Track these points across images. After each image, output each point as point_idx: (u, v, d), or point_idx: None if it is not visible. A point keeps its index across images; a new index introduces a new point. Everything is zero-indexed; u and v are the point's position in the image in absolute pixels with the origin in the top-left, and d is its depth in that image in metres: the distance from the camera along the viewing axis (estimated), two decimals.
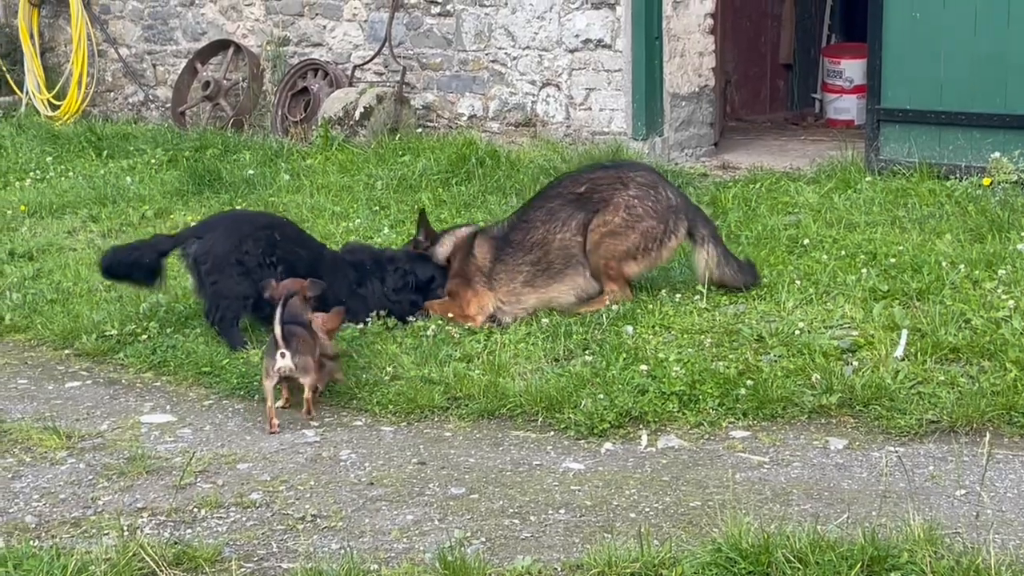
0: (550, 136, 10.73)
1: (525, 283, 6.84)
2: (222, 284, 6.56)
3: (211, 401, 6.11)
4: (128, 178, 10.52)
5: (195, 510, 4.87)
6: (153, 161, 11.08)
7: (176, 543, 4.52)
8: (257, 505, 4.90)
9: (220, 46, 12.78)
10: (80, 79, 13.45)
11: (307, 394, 5.77)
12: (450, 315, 6.80)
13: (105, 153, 11.51)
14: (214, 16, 12.92)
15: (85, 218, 9.49)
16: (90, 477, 5.21)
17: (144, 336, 6.80)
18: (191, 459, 5.27)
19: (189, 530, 4.70)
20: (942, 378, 5.68)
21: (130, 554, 4.30)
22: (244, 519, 4.79)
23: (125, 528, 4.64)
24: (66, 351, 6.85)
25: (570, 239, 6.86)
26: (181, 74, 12.91)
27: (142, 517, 4.81)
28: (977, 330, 6.07)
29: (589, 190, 6.93)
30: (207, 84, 12.61)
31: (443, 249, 7.06)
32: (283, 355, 5.63)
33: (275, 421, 5.68)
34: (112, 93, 13.83)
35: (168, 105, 13.10)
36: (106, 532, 4.64)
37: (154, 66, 13.48)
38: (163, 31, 13.33)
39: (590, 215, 6.85)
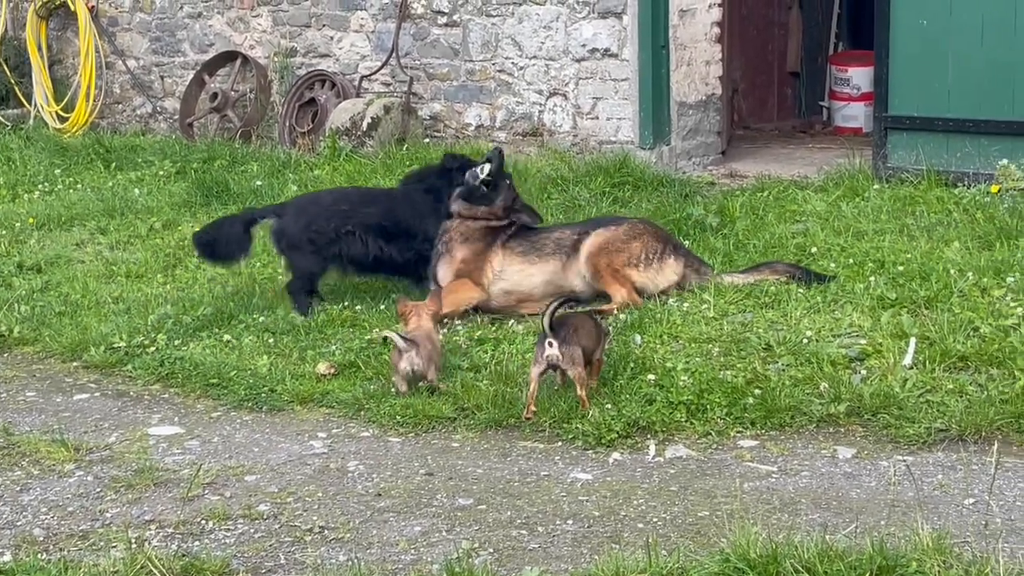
0: (557, 145, 10.72)
1: None
2: (296, 260, 7.41)
3: (219, 413, 6.11)
4: (136, 190, 10.54)
5: (203, 522, 4.87)
6: (161, 173, 11.09)
7: (184, 555, 4.52)
8: (265, 517, 4.90)
9: (227, 58, 12.79)
10: (88, 91, 13.46)
11: (580, 391, 5.64)
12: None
13: (113, 165, 11.53)
14: (221, 28, 12.94)
15: (93, 230, 9.50)
16: (98, 489, 5.21)
17: (152, 348, 6.81)
18: (199, 471, 5.27)
19: (197, 542, 4.70)
20: (951, 386, 5.67)
21: (138, 567, 4.31)
22: (252, 531, 4.79)
23: (133, 541, 4.65)
24: (74, 363, 6.86)
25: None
26: (189, 86, 12.92)
27: (150, 529, 4.81)
28: (986, 338, 6.06)
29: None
30: (215, 96, 12.63)
31: None
32: (551, 344, 5.58)
33: (532, 408, 5.66)
34: (120, 105, 13.86)
35: (176, 117, 13.12)
36: (114, 545, 4.65)
37: (162, 78, 13.50)
38: (171, 43, 13.35)
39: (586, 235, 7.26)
